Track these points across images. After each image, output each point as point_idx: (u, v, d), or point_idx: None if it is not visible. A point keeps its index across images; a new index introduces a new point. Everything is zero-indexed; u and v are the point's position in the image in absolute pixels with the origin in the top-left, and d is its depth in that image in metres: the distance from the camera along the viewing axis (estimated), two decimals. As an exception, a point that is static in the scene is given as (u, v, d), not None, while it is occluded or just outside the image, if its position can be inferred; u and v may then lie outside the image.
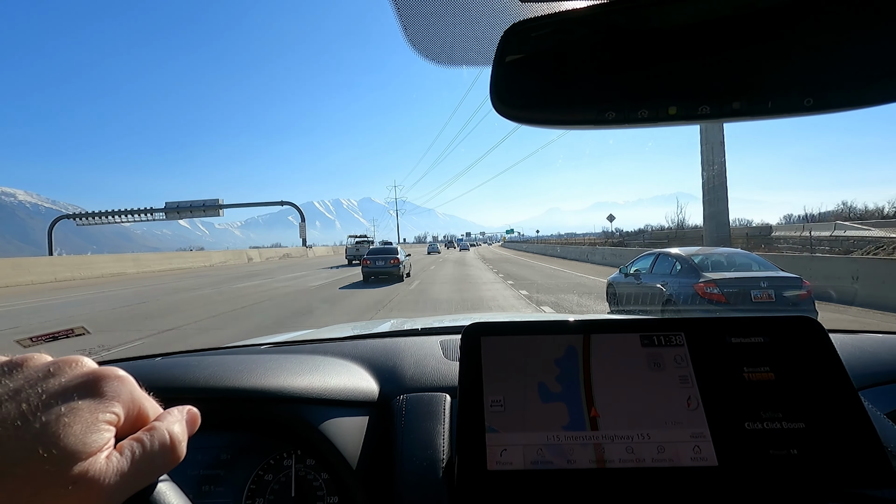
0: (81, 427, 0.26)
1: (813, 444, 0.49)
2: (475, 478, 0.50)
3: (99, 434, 0.26)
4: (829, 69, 0.40)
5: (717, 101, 0.42)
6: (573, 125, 0.46)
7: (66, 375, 0.28)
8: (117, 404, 0.28)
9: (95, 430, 0.26)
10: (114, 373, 0.29)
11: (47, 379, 0.27)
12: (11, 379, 0.27)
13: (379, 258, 15.69)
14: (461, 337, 0.58)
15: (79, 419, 0.26)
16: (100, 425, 0.26)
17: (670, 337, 0.56)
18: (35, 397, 0.26)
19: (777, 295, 5.10)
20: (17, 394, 0.26)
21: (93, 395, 0.27)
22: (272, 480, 0.68)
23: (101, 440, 0.26)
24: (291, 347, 1.01)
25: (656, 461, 0.49)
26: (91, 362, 0.30)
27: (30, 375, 0.27)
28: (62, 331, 1.57)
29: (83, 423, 0.26)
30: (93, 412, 0.26)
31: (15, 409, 0.25)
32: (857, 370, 0.72)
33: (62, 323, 8.17)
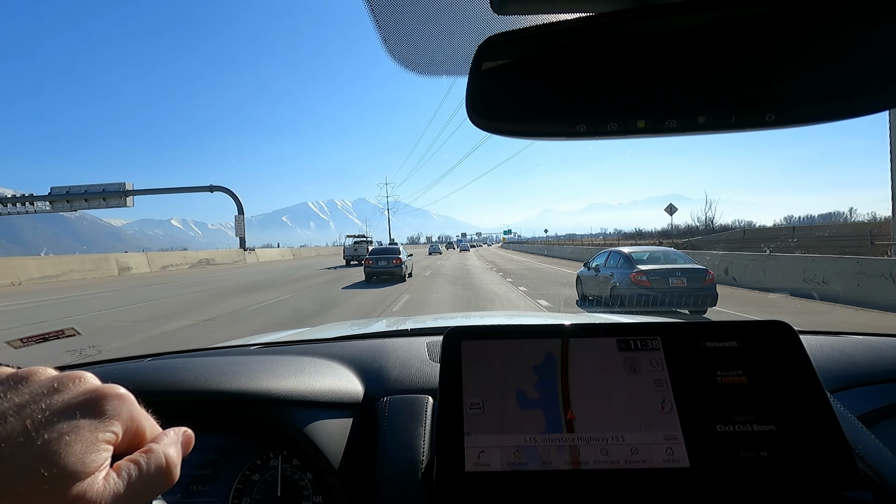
0: (82, 446, 0.25)
1: (783, 445, 0.50)
2: (453, 479, 0.51)
3: (97, 454, 0.26)
4: (789, 86, 0.42)
5: (683, 116, 0.44)
6: (545, 137, 0.48)
7: (69, 392, 0.28)
8: (117, 423, 0.28)
9: (95, 450, 0.26)
10: (115, 391, 0.29)
11: (51, 395, 0.27)
12: (17, 394, 0.27)
13: (381, 258, 15.86)
14: (442, 340, 0.60)
15: (80, 438, 0.26)
16: (99, 445, 0.26)
17: (646, 341, 0.58)
18: (39, 414, 0.26)
19: (688, 280, 6.87)
20: (22, 409, 0.26)
21: (94, 413, 0.27)
22: (259, 480, 0.69)
23: (100, 460, 0.26)
24: (280, 348, 1.01)
25: (630, 463, 0.51)
26: (94, 379, 0.30)
27: (34, 391, 0.27)
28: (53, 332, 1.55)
29: (84, 443, 0.26)
30: (93, 431, 0.26)
31: (19, 426, 0.25)
32: (833, 372, 0.73)
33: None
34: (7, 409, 0.25)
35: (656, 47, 0.43)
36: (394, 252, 16.20)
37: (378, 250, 16.69)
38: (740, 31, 0.42)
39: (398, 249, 16.57)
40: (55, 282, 17.74)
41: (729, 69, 0.42)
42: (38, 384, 0.28)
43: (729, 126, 0.43)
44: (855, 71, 0.41)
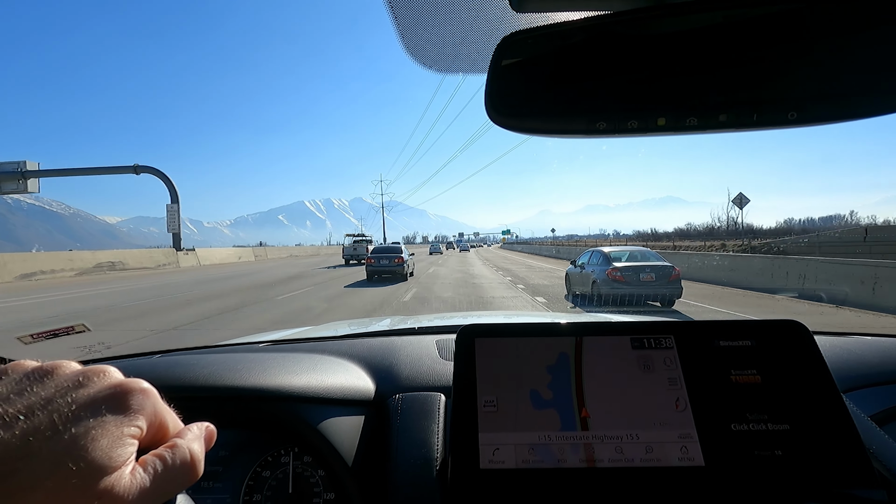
0: (108, 441, 0.26)
1: (797, 445, 0.50)
2: (468, 476, 0.51)
3: (124, 448, 0.26)
4: (811, 84, 0.42)
5: (704, 114, 0.43)
6: (564, 134, 0.48)
7: (94, 386, 0.28)
8: (141, 418, 0.28)
9: (121, 445, 0.26)
10: (139, 386, 0.29)
11: (77, 389, 0.27)
12: (43, 387, 0.27)
13: (383, 257, 15.78)
14: (456, 338, 0.59)
15: (106, 432, 0.26)
16: (125, 439, 0.26)
17: (660, 340, 0.58)
18: (66, 408, 0.26)
19: (657, 276, 7.87)
20: (49, 403, 0.26)
21: (119, 407, 0.27)
22: (270, 477, 0.69)
23: (126, 454, 0.26)
24: (289, 346, 1.01)
25: (644, 461, 0.51)
26: (118, 373, 0.30)
27: (60, 385, 0.27)
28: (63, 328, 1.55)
29: (110, 437, 0.26)
30: (119, 426, 0.27)
31: (46, 420, 0.25)
32: (844, 372, 0.72)
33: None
34: (34, 403, 0.26)
35: (677, 45, 0.43)
36: (396, 251, 16.18)
37: (380, 249, 16.68)
38: (763, 27, 0.41)
39: (400, 248, 16.51)
40: None
41: (751, 67, 0.42)
42: (63, 378, 0.28)
43: (750, 124, 0.43)
44: (880, 69, 0.41)
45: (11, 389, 0.26)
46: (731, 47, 0.42)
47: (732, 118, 0.43)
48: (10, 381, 0.27)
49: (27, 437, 0.24)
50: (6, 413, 0.25)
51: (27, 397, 0.26)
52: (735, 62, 0.42)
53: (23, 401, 0.26)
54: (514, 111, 0.47)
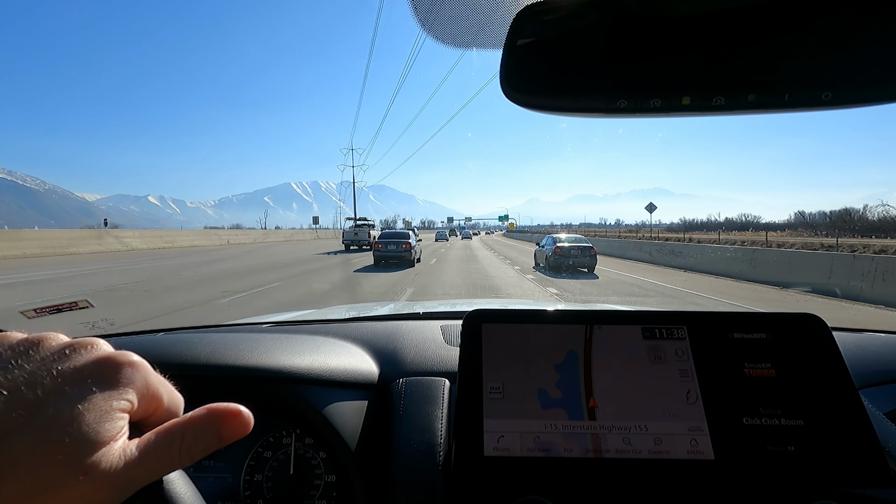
0: (95, 415, 0.25)
1: (811, 441, 0.49)
2: (472, 463, 0.50)
3: (112, 423, 0.25)
4: (849, 64, 0.39)
5: (732, 93, 0.41)
6: (583, 113, 0.45)
7: (81, 359, 0.27)
8: (131, 391, 0.27)
9: (109, 419, 0.25)
10: (128, 358, 0.28)
11: (62, 361, 0.26)
12: (28, 360, 0.26)
13: (391, 242, 15.78)
14: (462, 322, 0.58)
15: (93, 406, 0.25)
16: (113, 414, 0.26)
17: (672, 330, 0.56)
18: (51, 381, 0.25)
19: (581, 252, 13.27)
20: (33, 377, 0.25)
21: (107, 381, 0.27)
22: (271, 457, 0.69)
23: (115, 429, 0.26)
24: (293, 327, 1.00)
25: (653, 453, 0.50)
26: (106, 346, 0.29)
27: (46, 357, 0.26)
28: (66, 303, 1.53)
29: (97, 411, 0.25)
30: (107, 399, 0.26)
31: (31, 395, 0.24)
32: (859, 369, 0.71)
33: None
34: (17, 377, 0.25)
35: (705, 19, 0.41)
36: (403, 236, 16.17)
37: (388, 234, 16.64)
38: (799, 4, 0.39)
39: (408, 234, 16.49)
40: None
41: (785, 44, 0.40)
42: (49, 350, 0.27)
43: (781, 105, 0.41)
44: None
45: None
46: (764, 23, 0.40)
47: (763, 98, 0.41)
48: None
49: (9, 413, 0.23)
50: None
51: (10, 370, 0.25)
52: (768, 39, 0.40)
53: (5, 374, 0.25)
54: (531, 88, 0.45)
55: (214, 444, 0.29)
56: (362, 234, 24.95)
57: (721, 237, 30.15)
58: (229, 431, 0.29)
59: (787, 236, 27.16)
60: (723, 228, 43.43)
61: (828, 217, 33.09)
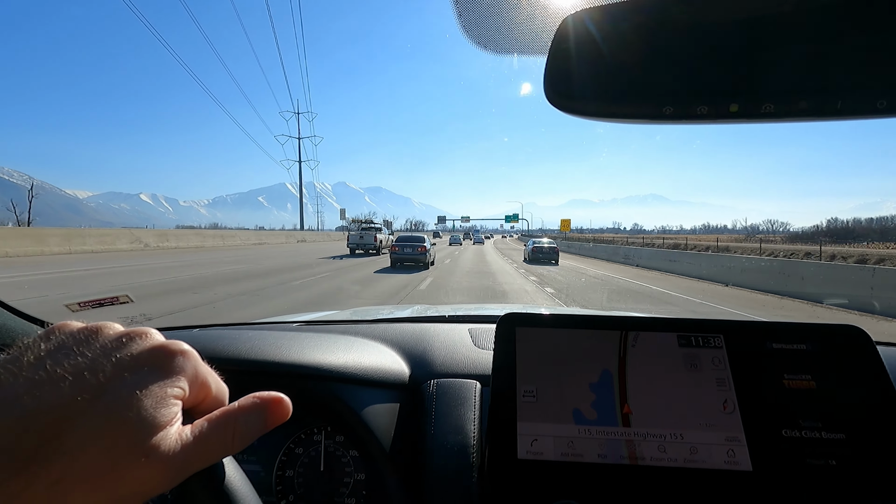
0: (153, 400, 0.26)
1: (853, 455, 0.48)
2: (505, 465, 0.50)
3: (168, 409, 0.26)
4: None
5: (782, 100, 0.40)
6: (628, 119, 0.45)
7: (137, 347, 0.28)
8: (183, 379, 0.28)
9: (165, 405, 0.26)
10: (180, 347, 0.29)
11: (120, 349, 0.28)
12: (88, 348, 0.27)
13: (407, 245, 16.47)
14: (497, 325, 0.58)
15: (150, 392, 0.26)
16: (169, 399, 0.27)
17: (709, 339, 0.56)
18: (111, 367, 0.26)
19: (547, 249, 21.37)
20: (94, 363, 0.26)
21: (162, 368, 0.28)
22: (302, 454, 0.70)
23: (171, 414, 0.27)
24: (323, 326, 1.01)
25: (689, 462, 0.49)
26: (159, 335, 0.30)
27: (105, 345, 0.28)
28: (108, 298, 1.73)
29: (154, 397, 0.26)
30: (162, 386, 0.27)
31: (93, 380, 0.25)
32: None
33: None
34: (80, 363, 0.26)
35: (753, 26, 0.40)
36: (419, 240, 16.84)
37: (404, 238, 17.27)
38: (848, 8, 0.38)
39: (423, 238, 17.15)
40: None
41: (839, 48, 0.38)
42: (107, 338, 0.28)
43: (834, 113, 0.39)
44: None
45: (59, 349, 0.27)
46: (816, 26, 0.38)
47: (814, 106, 0.39)
48: (56, 342, 0.27)
49: (75, 397, 0.25)
50: (54, 372, 0.25)
51: (73, 357, 0.26)
52: (819, 42, 0.39)
53: (69, 360, 0.26)
54: (576, 94, 0.45)
55: (262, 429, 0.30)
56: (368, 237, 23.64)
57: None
58: (273, 417, 0.31)
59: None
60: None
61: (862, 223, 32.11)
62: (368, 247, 23.46)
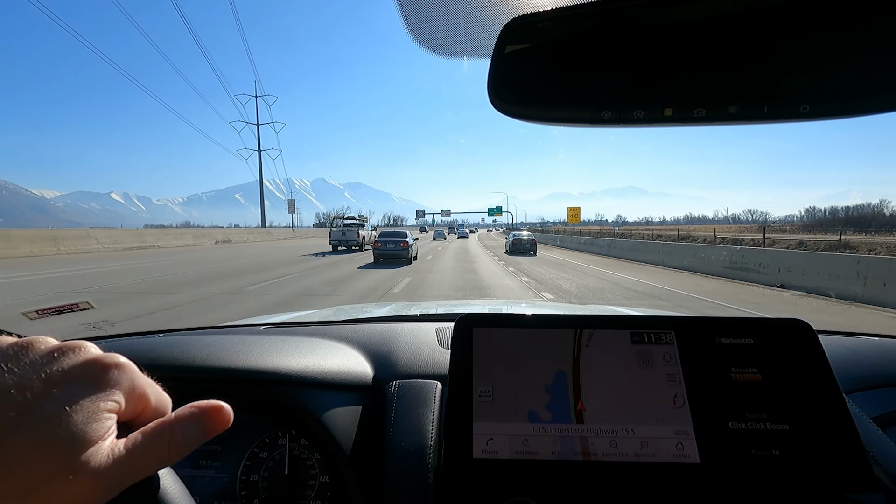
0: (83, 416, 0.26)
1: (796, 445, 0.50)
2: (460, 465, 0.51)
3: (100, 423, 0.26)
4: (826, 77, 0.41)
5: (713, 105, 0.42)
6: (569, 123, 0.46)
7: (68, 361, 0.28)
8: (118, 392, 0.28)
9: (97, 419, 0.26)
10: (114, 360, 0.29)
11: (50, 364, 0.27)
12: (18, 364, 0.26)
13: (389, 241, 16.66)
14: (454, 326, 0.59)
15: (81, 407, 0.26)
16: (101, 414, 0.26)
17: (660, 335, 0.57)
18: (39, 384, 0.26)
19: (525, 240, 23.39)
20: (22, 379, 0.26)
21: (94, 382, 0.27)
22: (267, 458, 0.69)
23: (103, 429, 0.26)
24: (290, 329, 1.00)
25: (639, 456, 0.50)
26: (94, 348, 0.29)
27: (34, 360, 0.27)
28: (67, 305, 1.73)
29: (85, 412, 0.26)
30: (94, 401, 0.26)
31: (20, 397, 0.25)
32: (849, 373, 0.72)
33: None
34: (6, 381, 0.25)
35: (687, 34, 0.42)
36: (401, 236, 17.16)
37: (387, 234, 17.54)
38: (776, 18, 0.40)
39: (406, 234, 17.51)
40: None
41: (764, 58, 0.41)
42: (37, 354, 0.27)
43: (761, 117, 0.42)
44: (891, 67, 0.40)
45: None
46: (745, 37, 0.41)
47: (743, 111, 0.42)
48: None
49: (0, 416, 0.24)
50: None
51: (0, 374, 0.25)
52: (747, 53, 0.41)
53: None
54: (518, 98, 0.45)
55: (200, 438, 0.30)
56: (350, 233, 23.23)
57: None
58: (213, 425, 0.30)
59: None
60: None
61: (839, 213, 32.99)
62: (351, 243, 23.11)
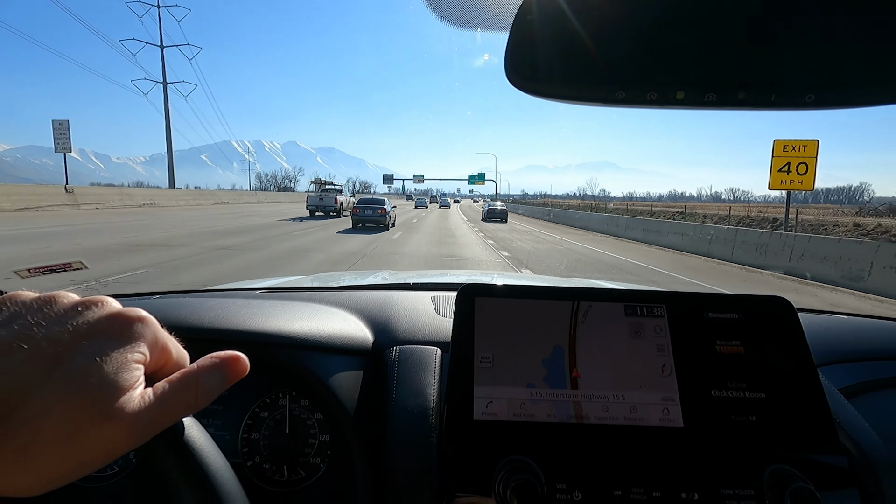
0: (113, 367, 0.27)
1: (771, 412, 0.55)
2: (462, 425, 0.54)
3: (129, 373, 0.27)
4: (831, 69, 0.42)
5: (723, 90, 0.43)
6: (582, 101, 0.46)
7: (93, 315, 0.28)
8: (143, 344, 0.29)
9: (126, 370, 0.27)
10: (137, 314, 0.30)
11: (76, 317, 0.28)
12: (43, 317, 0.27)
13: (368, 207, 17.25)
14: (457, 295, 0.61)
15: (111, 359, 0.27)
16: (130, 364, 0.27)
17: (652, 308, 0.61)
18: (68, 336, 0.27)
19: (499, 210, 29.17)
20: (51, 332, 0.26)
21: (121, 334, 0.28)
22: (268, 417, 0.71)
23: (133, 378, 0.27)
24: (287, 294, 1.01)
25: (628, 420, 0.54)
26: (115, 303, 0.30)
27: (60, 314, 0.28)
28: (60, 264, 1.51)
29: (114, 363, 0.27)
30: (122, 352, 0.28)
31: (51, 349, 0.26)
32: (821, 348, 0.77)
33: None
34: (36, 333, 0.26)
35: (704, 16, 0.42)
36: (379, 203, 17.70)
37: (365, 200, 18.06)
38: (790, 6, 0.41)
39: (383, 201, 18.02)
40: None
41: (774, 46, 0.42)
42: (62, 307, 0.28)
43: (768, 104, 0.43)
44: None
45: (12, 319, 0.27)
46: (758, 24, 0.42)
47: (751, 97, 0.43)
48: (9, 312, 0.27)
49: (33, 366, 0.25)
50: (10, 343, 0.25)
51: (28, 327, 0.26)
52: (759, 39, 0.42)
53: (25, 331, 0.26)
54: (533, 74, 0.46)
55: (223, 385, 0.32)
56: (328, 199, 23.15)
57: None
58: (233, 373, 0.33)
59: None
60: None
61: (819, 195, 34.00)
62: (329, 209, 22.96)
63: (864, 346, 0.82)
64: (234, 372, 0.33)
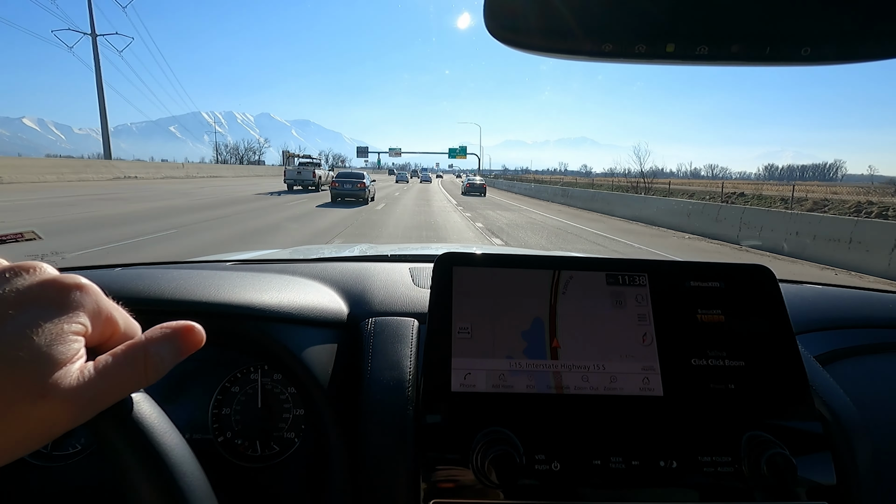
0: (46, 338, 0.24)
1: (749, 380, 0.55)
2: (439, 398, 0.53)
3: (66, 346, 0.25)
4: (828, 21, 0.40)
5: (715, 43, 0.41)
6: (568, 55, 0.44)
7: (23, 282, 0.26)
8: (82, 314, 0.27)
9: (62, 342, 0.25)
10: (75, 281, 0.27)
11: (3, 285, 0.25)
12: None
13: (347, 182, 17.28)
14: (434, 265, 0.59)
15: (43, 330, 0.25)
16: (66, 336, 0.25)
17: (634, 277, 0.59)
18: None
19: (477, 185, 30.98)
20: None
21: (55, 304, 0.26)
22: (239, 392, 0.69)
23: (70, 351, 0.25)
24: (259, 266, 0.98)
25: (608, 389, 0.54)
26: (51, 269, 0.28)
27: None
28: (10, 234, 1.43)
29: (48, 335, 0.25)
30: (57, 323, 0.25)
31: None
32: (797, 317, 0.77)
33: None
34: None
35: None
36: (359, 177, 17.85)
37: (344, 174, 18.14)
38: None
39: (363, 175, 18.15)
40: None
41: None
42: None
43: (762, 58, 0.41)
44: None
45: None
46: None
47: (745, 50, 0.41)
48: None
49: None
50: None
51: None
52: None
53: None
54: (515, 24, 0.43)
55: (176, 358, 0.29)
56: (306, 172, 22.78)
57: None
58: (186, 344, 0.30)
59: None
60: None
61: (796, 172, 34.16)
62: (307, 183, 22.68)
63: (837, 314, 0.83)
64: (187, 343, 0.30)
